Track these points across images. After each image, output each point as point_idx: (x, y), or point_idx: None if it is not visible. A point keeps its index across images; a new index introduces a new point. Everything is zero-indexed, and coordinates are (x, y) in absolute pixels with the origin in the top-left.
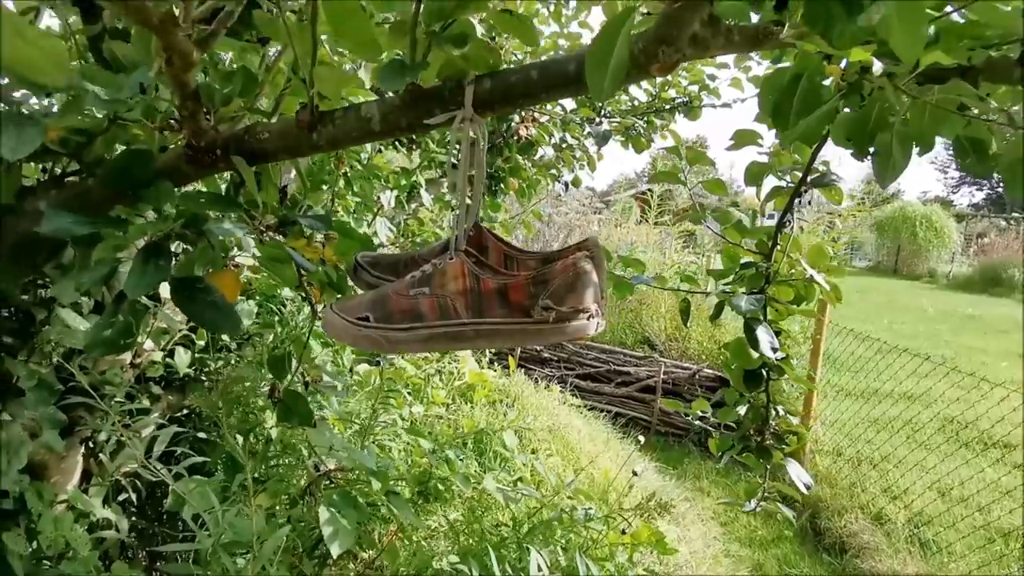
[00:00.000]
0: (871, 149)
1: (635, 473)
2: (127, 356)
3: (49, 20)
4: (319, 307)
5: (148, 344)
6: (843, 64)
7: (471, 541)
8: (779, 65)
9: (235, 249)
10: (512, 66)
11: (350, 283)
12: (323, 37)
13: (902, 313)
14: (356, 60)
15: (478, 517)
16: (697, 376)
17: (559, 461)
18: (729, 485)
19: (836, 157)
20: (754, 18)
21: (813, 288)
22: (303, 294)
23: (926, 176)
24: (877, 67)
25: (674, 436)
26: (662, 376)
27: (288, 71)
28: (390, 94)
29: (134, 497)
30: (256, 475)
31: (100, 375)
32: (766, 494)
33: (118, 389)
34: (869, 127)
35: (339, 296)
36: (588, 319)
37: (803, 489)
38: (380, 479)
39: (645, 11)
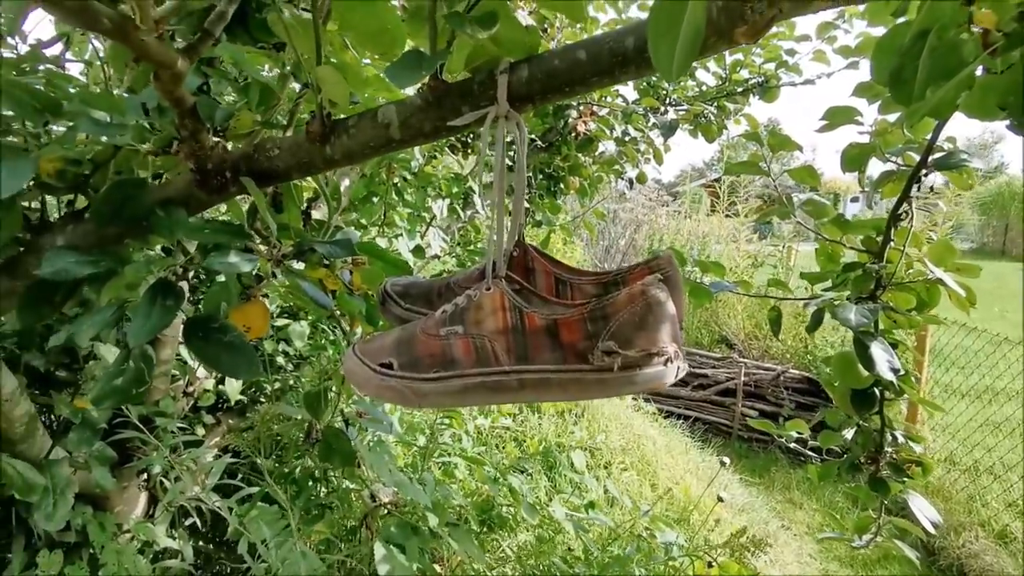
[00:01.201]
0: None
1: (720, 499)
2: (180, 384)
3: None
4: (356, 338)
5: (201, 372)
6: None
7: (540, 570)
8: (894, 23)
9: (262, 280)
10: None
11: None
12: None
13: (1014, 300)
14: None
15: (548, 541)
16: (782, 378)
17: (635, 476)
18: (824, 497)
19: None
20: None
21: (936, 291)
22: (334, 325)
23: None
24: None
25: (759, 442)
26: (743, 378)
27: (293, 77)
28: (410, 93)
29: (199, 523)
30: (317, 500)
31: (154, 406)
32: (881, 529)
33: (170, 420)
34: None
35: (369, 334)
36: (666, 364)
37: (930, 529)
38: (438, 512)
39: None
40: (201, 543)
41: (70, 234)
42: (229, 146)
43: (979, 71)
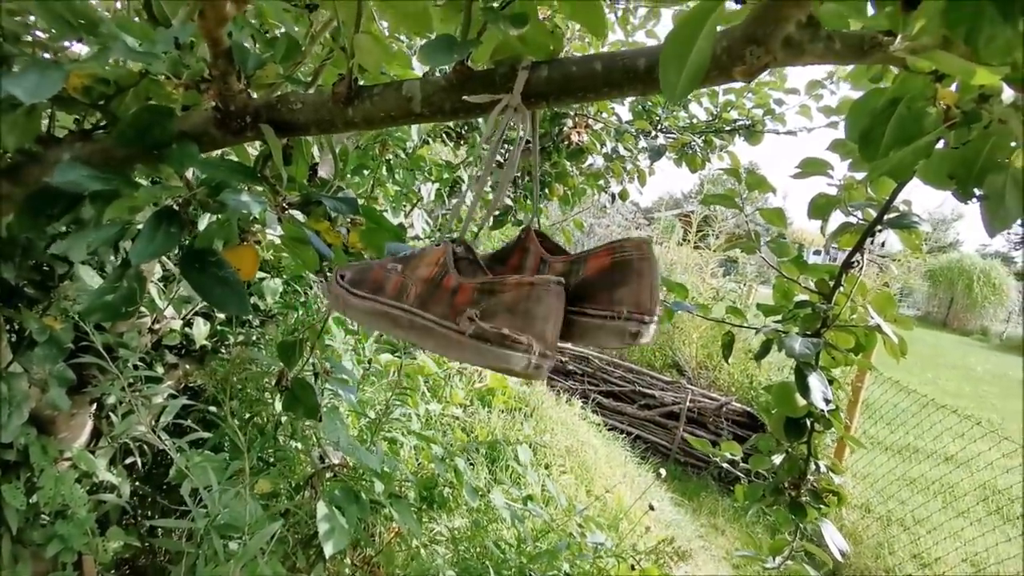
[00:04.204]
0: (977, 192)
1: (652, 507)
2: (146, 320)
3: None
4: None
5: (169, 311)
6: (954, 88)
7: (472, 554)
8: (871, 88)
9: (258, 225)
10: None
11: None
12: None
13: (948, 369)
14: (411, 41)
15: (482, 529)
16: (724, 409)
17: (572, 480)
18: (746, 526)
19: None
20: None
21: (874, 337)
22: (323, 279)
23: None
24: (1007, 95)
25: (693, 468)
26: (688, 404)
27: (330, 40)
28: (436, 73)
29: (140, 462)
30: (262, 456)
31: (117, 336)
32: (793, 553)
33: (132, 353)
34: (978, 166)
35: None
36: (517, 351)
37: (837, 555)
38: (384, 481)
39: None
40: (139, 483)
41: (78, 150)
42: (250, 92)
43: (940, 144)
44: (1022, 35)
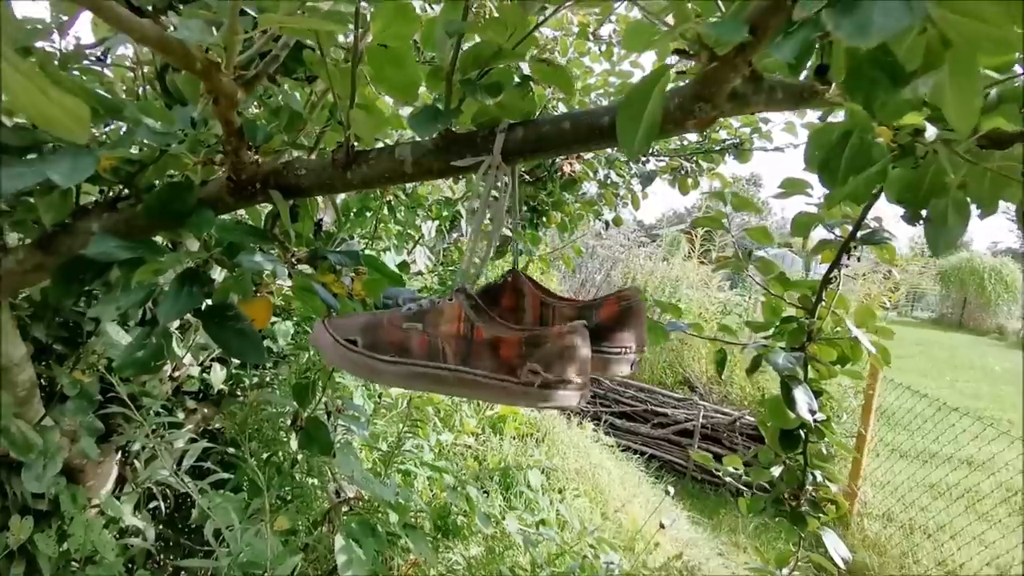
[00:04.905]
0: (924, 213)
1: (663, 525)
2: (167, 368)
3: (124, 50)
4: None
5: (187, 359)
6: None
7: None
8: (828, 120)
9: (269, 275)
10: (560, 108)
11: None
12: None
13: (965, 371)
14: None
15: (497, 556)
16: (738, 423)
17: (586, 503)
18: (768, 542)
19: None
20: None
21: (860, 349)
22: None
23: (997, 226)
24: (931, 132)
25: (711, 485)
26: (701, 420)
27: (330, 104)
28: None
29: (163, 506)
30: (280, 494)
31: (141, 386)
32: (799, 563)
33: (155, 400)
34: (923, 190)
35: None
36: (572, 390)
37: (840, 563)
38: (399, 512)
39: (682, 70)
40: (162, 526)
41: (105, 220)
42: (259, 160)
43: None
44: (912, 101)
